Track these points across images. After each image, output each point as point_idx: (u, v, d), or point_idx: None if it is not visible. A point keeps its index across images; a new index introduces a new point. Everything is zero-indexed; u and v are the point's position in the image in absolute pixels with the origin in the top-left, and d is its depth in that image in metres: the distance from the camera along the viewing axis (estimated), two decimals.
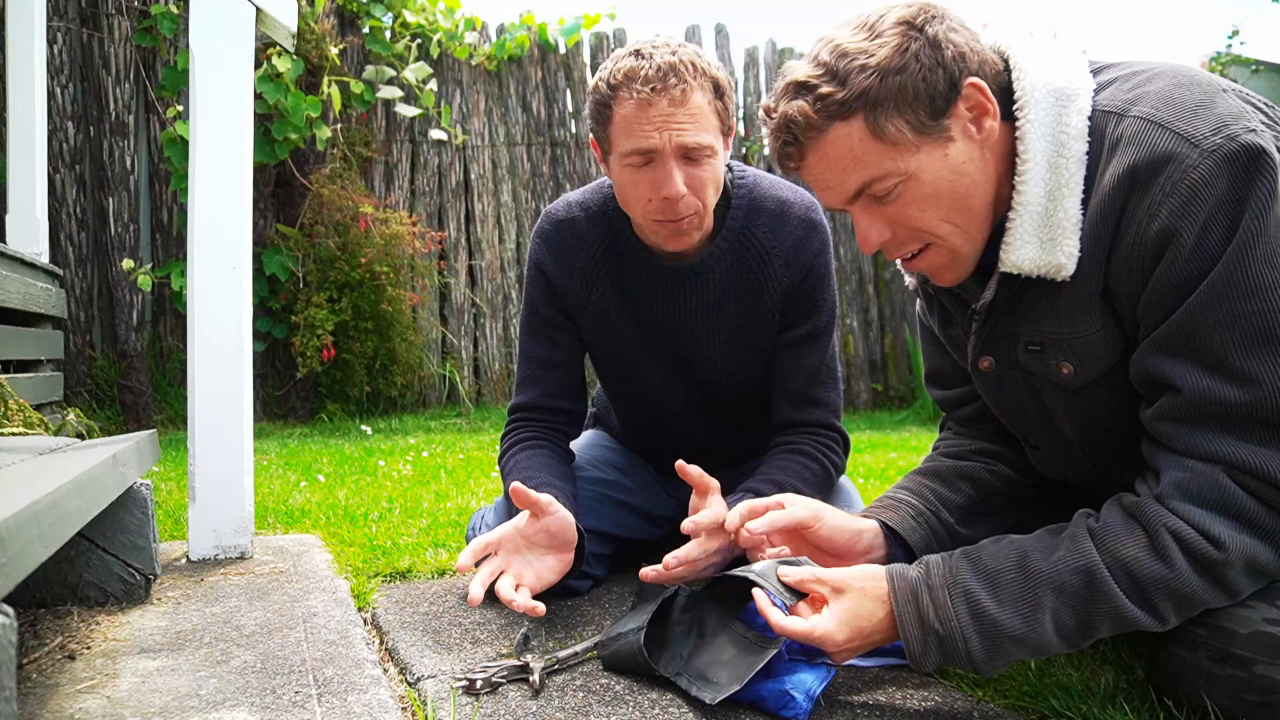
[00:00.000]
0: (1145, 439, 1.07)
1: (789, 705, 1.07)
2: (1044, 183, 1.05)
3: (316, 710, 1.07)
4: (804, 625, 1.08)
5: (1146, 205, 0.98)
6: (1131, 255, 1.00)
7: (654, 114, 1.35)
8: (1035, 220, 1.05)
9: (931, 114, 1.04)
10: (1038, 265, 1.06)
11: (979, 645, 1.04)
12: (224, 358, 1.81)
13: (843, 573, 1.13)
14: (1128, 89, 1.05)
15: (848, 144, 1.05)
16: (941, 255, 1.12)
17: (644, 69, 1.35)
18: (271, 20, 1.92)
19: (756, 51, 6.18)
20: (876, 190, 1.08)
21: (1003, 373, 1.21)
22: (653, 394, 1.69)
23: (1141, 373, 1.05)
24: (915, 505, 1.31)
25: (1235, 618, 1.00)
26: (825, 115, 1.05)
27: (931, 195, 1.07)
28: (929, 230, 1.09)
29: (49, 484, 0.98)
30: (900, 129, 1.04)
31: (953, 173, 1.07)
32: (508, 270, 5.60)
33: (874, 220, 1.11)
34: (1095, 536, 1.03)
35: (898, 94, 1.03)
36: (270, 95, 4.53)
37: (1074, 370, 1.11)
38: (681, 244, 1.48)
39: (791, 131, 1.07)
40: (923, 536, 1.28)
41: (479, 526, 1.61)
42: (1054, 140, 1.05)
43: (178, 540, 1.97)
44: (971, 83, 1.04)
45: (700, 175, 1.40)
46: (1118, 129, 1.02)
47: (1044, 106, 1.05)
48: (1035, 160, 1.05)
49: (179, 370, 4.63)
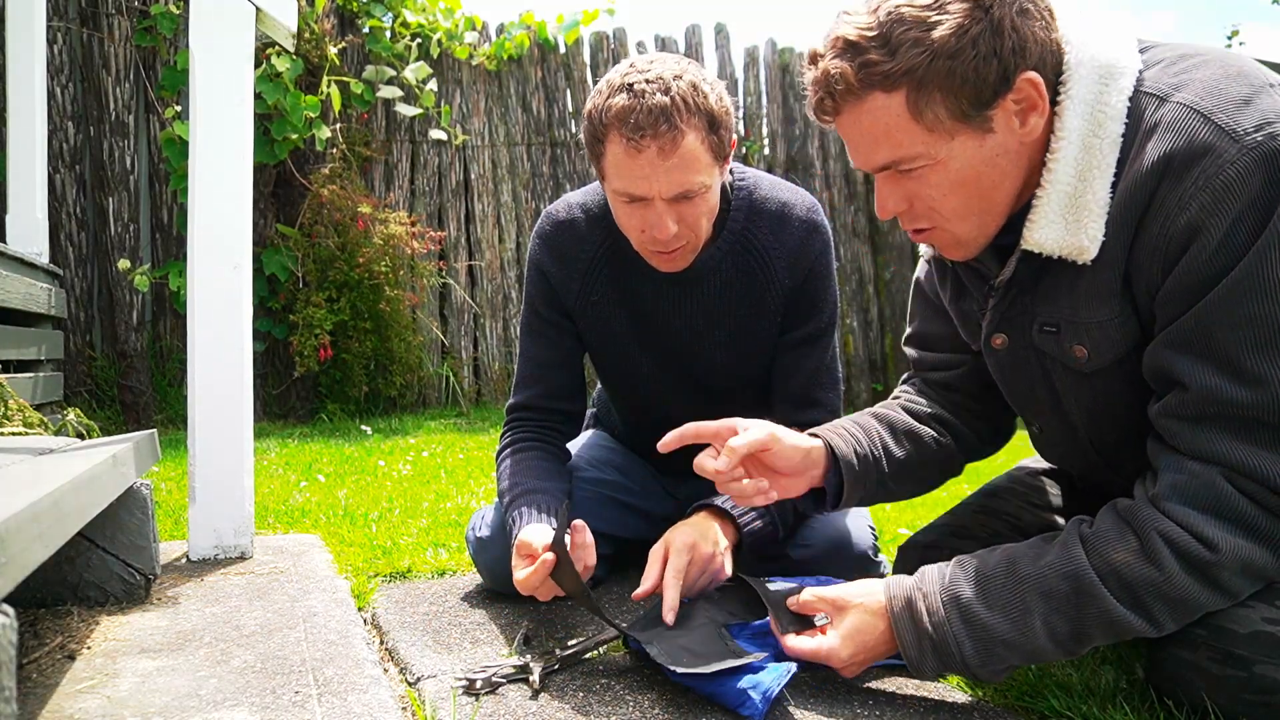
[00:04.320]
0: (1150, 436, 1.07)
1: (745, 704, 1.08)
2: (1075, 163, 1.02)
3: (316, 710, 1.07)
4: (810, 644, 1.14)
5: (1177, 196, 0.95)
6: (1156, 246, 0.98)
7: (643, 160, 1.31)
8: (1062, 200, 1.03)
9: (977, 104, 1.00)
10: (1060, 246, 1.04)
11: (972, 650, 1.04)
12: (224, 358, 1.81)
13: (842, 589, 1.16)
14: (1173, 73, 1.01)
15: (884, 116, 1.02)
16: (947, 237, 1.12)
17: (635, 112, 1.29)
18: (271, 20, 1.92)
19: (756, 51, 6.18)
20: (903, 167, 1.06)
21: (1015, 351, 1.19)
22: (652, 395, 1.69)
23: (1153, 366, 1.04)
24: (862, 443, 1.31)
25: (1235, 617, 1.00)
26: (866, 83, 1.01)
27: (956, 183, 1.05)
28: (942, 214, 1.08)
29: (49, 484, 0.98)
30: (939, 114, 1.00)
31: (983, 164, 1.04)
32: (508, 270, 5.60)
33: (894, 191, 1.09)
34: (1087, 542, 1.02)
35: (946, 78, 0.98)
36: (270, 95, 4.53)
37: (1088, 354, 1.09)
38: (674, 268, 1.48)
39: (830, 89, 1.04)
40: (858, 475, 1.29)
41: (479, 526, 1.61)
42: (1091, 119, 1.01)
43: (178, 540, 1.97)
44: (1027, 78, 1.00)
45: (693, 211, 1.38)
46: (1157, 113, 0.98)
47: (1087, 83, 1.02)
48: (1070, 139, 1.02)
49: (179, 370, 4.63)
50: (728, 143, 1.39)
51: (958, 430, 1.39)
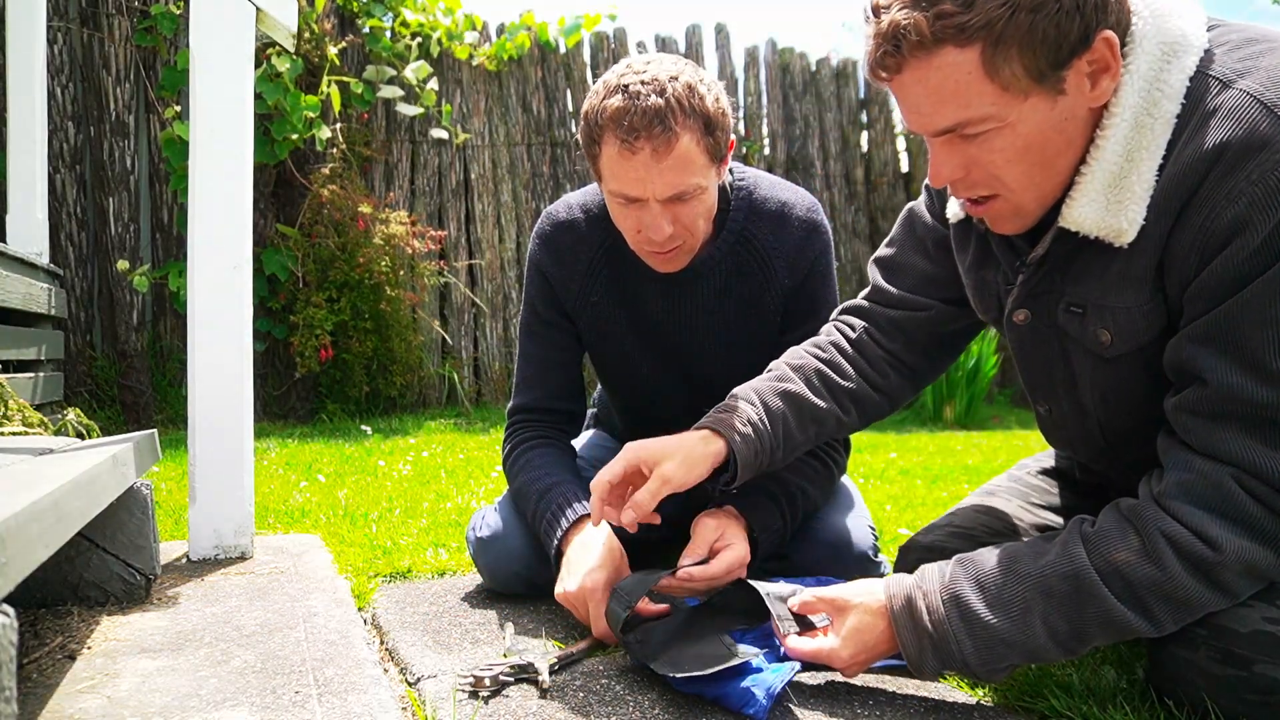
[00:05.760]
0: (1162, 431, 1.05)
1: (750, 703, 1.08)
2: (1125, 140, 0.97)
3: (316, 710, 1.07)
4: (811, 645, 1.14)
5: (1227, 189, 0.92)
6: (1197, 237, 0.95)
7: (638, 163, 1.31)
8: (1107, 178, 0.99)
9: (1054, 63, 0.94)
10: (1098, 226, 1.01)
11: (972, 648, 1.04)
12: (224, 358, 1.81)
13: (842, 590, 1.16)
14: (1239, 57, 0.96)
15: (955, 73, 0.95)
16: (1008, 207, 1.06)
17: (630, 114, 1.29)
18: (271, 20, 1.92)
19: (756, 51, 6.18)
20: (968, 130, 0.99)
21: (1037, 328, 1.17)
22: (653, 395, 1.69)
23: (1174, 359, 1.02)
24: (764, 442, 1.29)
25: (1235, 617, 0.99)
26: (940, 35, 0.93)
27: (1023, 149, 0.99)
28: (1005, 182, 1.03)
29: (49, 484, 0.98)
30: (1015, 72, 0.94)
31: (1051, 129, 0.98)
32: (508, 270, 5.60)
33: (952, 156, 1.03)
34: (1088, 541, 1.02)
35: (1027, 33, 0.91)
36: (270, 95, 4.52)
37: (1111, 339, 1.07)
38: (671, 268, 1.48)
39: (897, 42, 0.96)
40: (751, 468, 1.29)
41: (479, 526, 1.61)
42: (1148, 95, 0.96)
43: (178, 540, 1.97)
44: (1105, 37, 0.94)
45: (688, 212, 1.38)
46: (1218, 98, 0.94)
47: (1150, 58, 0.97)
48: (1124, 115, 0.97)
49: (179, 370, 4.63)
50: (725, 144, 1.38)
51: (866, 405, 1.38)
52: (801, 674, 1.20)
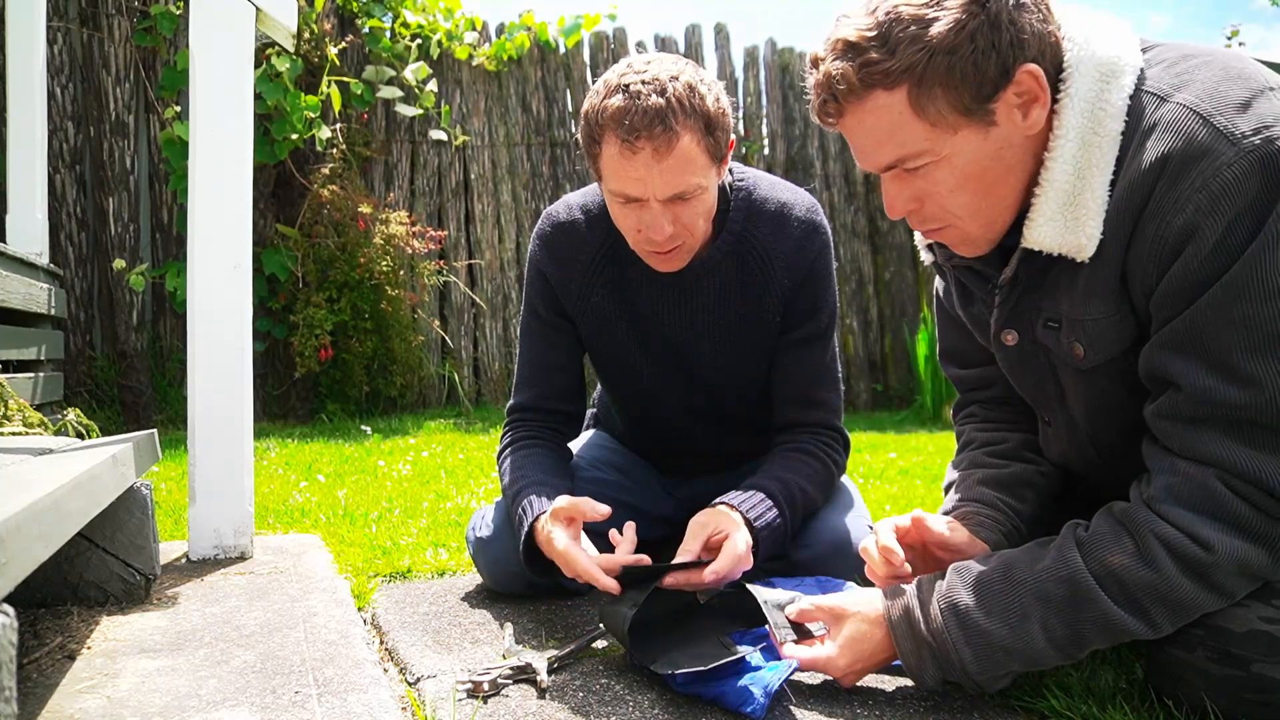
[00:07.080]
0: (1145, 438, 1.07)
1: (748, 701, 1.08)
2: (1074, 161, 1.02)
3: (316, 710, 1.07)
4: (808, 654, 1.15)
5: (1174, 197, 0.95)
6: (1152, 246, 0.98)
7: (638, 162, 1.31)
8: (1061, 197, 1.03)
9: (979, 98, 1.00)
10: (1058, 244, 1.04)
11: (971, 656, 1.05)
12: (224, 358, 1.81)
13: (840, 598, 1.18)
14: (1175, 73, 1.01)
15: (887, 115, 1.02)
16: (958, 234, 1.12)
17: (630, 113, 1.29)
18: (271, 20, 1.92)
19: (756, 51, 6.18)
20: (909, 165, 1.06)
21: (1024, 348, 1.20)
22: (653, 395, 1.69)
23: (1148, 367, 1.04)
24: (1004, 524, 1.27)
25: (1232, 617, 1.00)
26: (868, 82, 1.01)
27: (962, 178, 1.05)
28: (952, 211, 1.08)
29: (49, 484, 0.98)
30: (942, 109, 1.01)
31: (988, 158, 1.04)
32: (508, 270, 5.59)
33: (903, 190, 1.09)
34: (1083, 546, 1.03)
35: (945, 73, 0.99)
36: (270, 95, 4.52)
37: (1084, 352, 1.10)
38: (671, 268, 1.48)
39: (832, 91, 1.05)
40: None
41: (479, 526, 1.61)
42: (1091, 116, 1.01)
43: (178, 540, 1.97)
44: (1028, 70, 1.00)
45: (689, 212, 1.38)
46: (1157, 113, 0.99)
47: (1088, 81, 1.02)
48: (1069, 136, 1.02)
49: (179, 370, 4.63)
50: (725, 144, 1.38)
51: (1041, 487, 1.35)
52: (800, 673, 1.21)
